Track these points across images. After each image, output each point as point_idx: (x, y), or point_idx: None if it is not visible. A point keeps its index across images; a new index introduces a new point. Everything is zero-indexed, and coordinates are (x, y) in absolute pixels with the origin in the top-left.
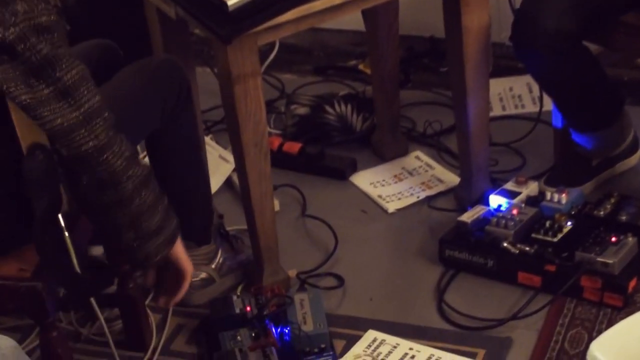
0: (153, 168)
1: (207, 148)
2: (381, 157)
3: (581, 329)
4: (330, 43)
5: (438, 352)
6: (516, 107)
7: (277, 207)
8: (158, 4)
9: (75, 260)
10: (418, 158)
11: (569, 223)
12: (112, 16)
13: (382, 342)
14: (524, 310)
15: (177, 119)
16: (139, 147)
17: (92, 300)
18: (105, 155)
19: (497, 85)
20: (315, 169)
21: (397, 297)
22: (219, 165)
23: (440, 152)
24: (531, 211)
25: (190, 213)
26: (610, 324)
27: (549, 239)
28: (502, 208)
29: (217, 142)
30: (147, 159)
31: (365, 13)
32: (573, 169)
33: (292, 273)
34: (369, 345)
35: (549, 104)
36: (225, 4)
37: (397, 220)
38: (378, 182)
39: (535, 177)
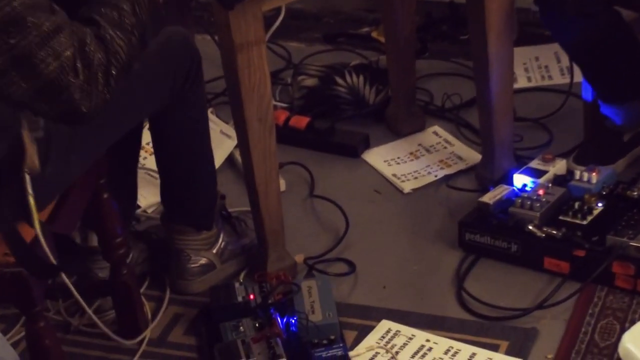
0: (155, 144)
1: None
2: (396, 132)
3: (612, 319)
4: (341, 8)
5: (457, 344)
6: (543, 78)
7: (283, 186)
8: None
9: (38, 228)
10: (436, 134)
11: (600, 204)
12: None
13: (397, 333)
14: (551, 299)
15: (186, 97)
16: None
17: (73, 288)
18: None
19: (522, 55)
20: (325, 146)
21: (412, 284)
22: (221, 142)
23: (460, 127)
24: (559, 191)
25: (193, 196)
26: None
27: (577, 221)
28: (527, 188)
29: (218, 117)
30: (146, 133)
31: None
32: (604, 145)
33: (299, 258)
34: (383, 337)
35: (578, 76)
36: None
37: (413, 201)
38: (392, 159)
39: (563, 155)
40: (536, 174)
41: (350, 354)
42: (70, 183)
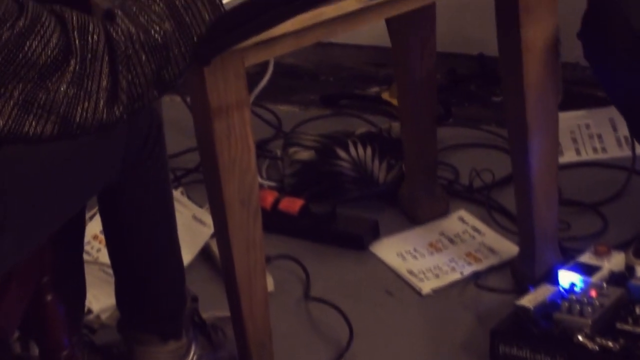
0: (107, 233)
1: (177, 206)
2: (412, 218)
3: None
4: (343, 63)
5: None
6: (595, 151)
7: (271, 286)
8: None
9: None
10: (462, 220)
11: None
12: None
13: None
14: None
15: (144, 172)
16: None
17: None
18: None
19: (570, 121)
20: (323, 235)
21: None
22: (193, 230)
23: (491, 212)
24: (615, 293)
25: (155, 297)
26: None
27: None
28: (577, 288)
29: (190, 198)
30: (98, 220)
31: (391, 23)
32: None
33: None
34: None
35: None
36: None
37: (434, 304)
38: (408, 252)
39: (621, 247)
40: (587, 270)
41: None
42: (3, 274)
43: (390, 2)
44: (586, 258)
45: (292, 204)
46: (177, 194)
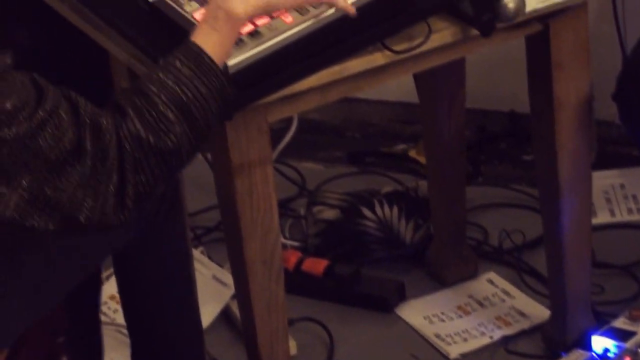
0: (122, 293)
1: (197, 266)
2: (440, 280)
3: None
4: (369, 119)
5: None
6: (630, 212)
7: (293, 349)
8: (130, 63)
9: None
10: (491, 282)
11: None
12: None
13: None
14: None
15: (162, 230)
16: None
17: None
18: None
19: (603, 181)
20: (348, 297)
21: None
22: (213, 291)
23: (522, 275)
24: None
25: None
26: None
27: None
28: (610, 354)
29: (210, 258)
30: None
31: (418, 78)
32: None
33: None
34: None
35: None
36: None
37: None
38: (435, 315)
39: None
40: (621, 335)
41: None
42: (16, 337)
43: (418, 57)
44: (620, 323)
45: (316, 265)
46: (196, 253)
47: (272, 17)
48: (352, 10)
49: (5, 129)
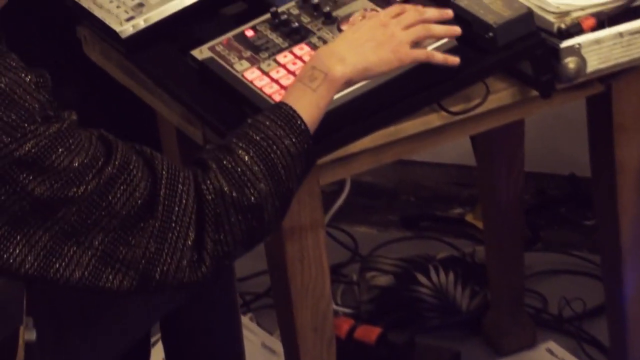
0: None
1: (245, 333)
2: (497, 349)
3: None
4: (424, 182)
5: None
6: None
7: None
8: (179, 124)
9: None
10: (551, 352)
11: None
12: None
13: None
14: None
15: (208, 294)
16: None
17: None
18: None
19: None
20: None
21: None
22: (262, 359)
23: (582, 344)
24: None
25: None
26: None
27: None
28: None
29: (260, 325)
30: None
31: (476, 140)
32: None
33: None
34: None
35: None
36: None
37: None
38: None
39: None
40: None
41: None
42: None
43: (475, 119)
44: None
45: (369, 333)
46: (245, 319)
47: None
48: (456, 60)
49: (74, 188)
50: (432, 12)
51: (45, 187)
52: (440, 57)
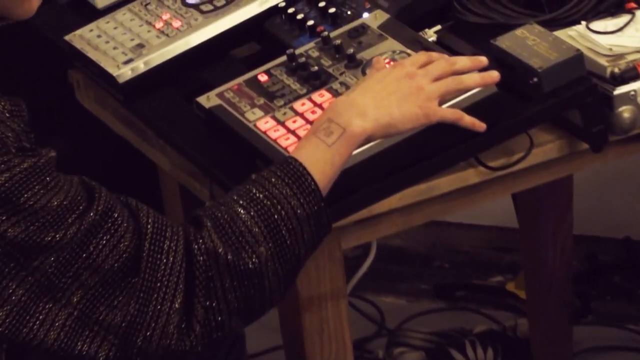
0: None
1: None
2: None
3: None
4: (460, 246)
5: None
6: None
7: None
8: (184, 180)
9: None
10: None
11: None
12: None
13: None
14: None
15: None
16: None
17: None
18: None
19: None
20: None
21: None
22: None
23: None
24: None
25: None
26: None
27: None
28: None
29: None
30: None
31: (518, 199)
32: None
33: None
34: None
35: None
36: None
37: None
38: None
39: None
40: None
41: None
42: None
43: (517, 175)
44: None
45: None
46: None
47: None
48: (482, 127)
49: (52, 233)
50: (464, 62)
51: (20, 229)
52: (468, 121)
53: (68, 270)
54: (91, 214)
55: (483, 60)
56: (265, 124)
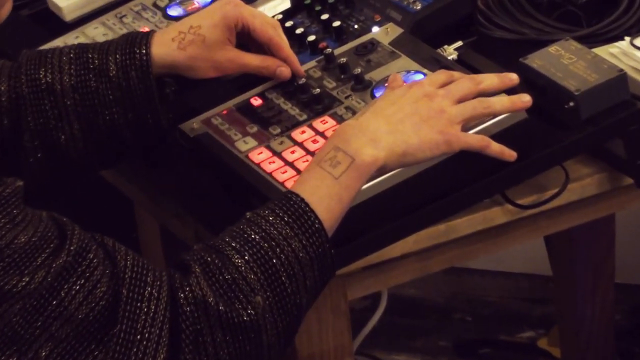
0: None
1: None
2: None
3: None
4: (484, 296)
5: None
6: None
7: None
8: (165, 219)
9: None
10: None
11: None
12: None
13: None
14: None
15: None
16: None
17: None
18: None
19: None
20: None
21: None
22: None
23: None
24: None
25: None
26: None
27: None
28: None
29: None
30: None
31: (552, 243)
32: None
33: None
34: None
35: None
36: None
37: None
38: None
39: None
40: None
41: None
42: None
43: (551, 214)
44: None
45: None
46: None
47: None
48: (513, 155)
49: (17, 276)
50: (491, 81)
51: None
52: (496, 149)
53: (36, 319)
54: (63, 255)
55: (513, 77)
56: (259, 155)
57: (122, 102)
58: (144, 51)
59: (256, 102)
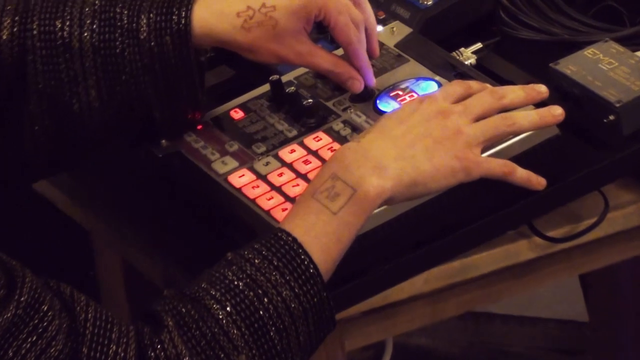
0: None
1: None
2: None
3: None
4: (508, 347)
5: None
6: None
7: None
8: (128, 256)
9: None
10: None
11: None
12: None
13: None
14: None
15: None
16: None
17: None
18: None
19: None
20: None
21: None
22: None
23: None
24: None
25: None
26: None
27: None
28: None
29: None
30: None
31: (588, 284)
32: None
33: None
34: None
35: None
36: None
37: None
38: None
39: None
40: None
41: None
42: None
43: (587, 249)
44: None
45: None
46: None
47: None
48: (542, 183)
49: None
50: (515, 94)
51: None
52: (522, 175)
53: None
54: (11, 308)
55: (542, 89)
56: (241, 179)
57: (153, 70)
58: (183, 14)
59: (237, 114)
